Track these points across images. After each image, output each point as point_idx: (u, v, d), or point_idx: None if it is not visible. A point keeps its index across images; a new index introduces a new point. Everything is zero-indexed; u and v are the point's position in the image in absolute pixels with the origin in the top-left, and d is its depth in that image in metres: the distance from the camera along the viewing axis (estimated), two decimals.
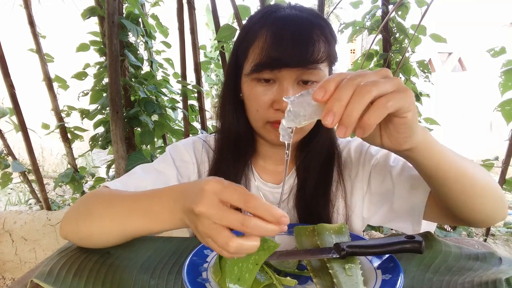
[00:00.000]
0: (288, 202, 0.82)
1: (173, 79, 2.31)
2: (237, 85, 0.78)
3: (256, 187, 0.84)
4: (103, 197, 0.68)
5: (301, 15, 0.70)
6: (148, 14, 2.21)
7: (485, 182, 0.61)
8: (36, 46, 2.12)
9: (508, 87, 1.62)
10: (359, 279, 0.52)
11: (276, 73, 0.69)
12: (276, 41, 0.67)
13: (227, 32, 1.75)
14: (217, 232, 0.43)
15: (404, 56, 1.88)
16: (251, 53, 0.72)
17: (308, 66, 0.68)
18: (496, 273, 0.55)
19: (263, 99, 0.71)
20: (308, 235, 0.66)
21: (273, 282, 0.52)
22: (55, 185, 2.31)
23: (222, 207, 0.43)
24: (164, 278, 0.58)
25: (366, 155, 0.82)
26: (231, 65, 0.79)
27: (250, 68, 0.71)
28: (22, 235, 2.25)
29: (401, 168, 0.75)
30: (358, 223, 0.82)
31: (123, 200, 0.62)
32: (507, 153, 1.68)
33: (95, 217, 0.64)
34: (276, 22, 0.70)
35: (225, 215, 0.43)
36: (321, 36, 0.69)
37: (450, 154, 0.58)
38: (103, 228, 0.64)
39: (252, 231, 0.42)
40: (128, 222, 0.60)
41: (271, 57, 0.67)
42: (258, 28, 0.71)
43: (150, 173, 0.80)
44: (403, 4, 1.88)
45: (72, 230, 0.68)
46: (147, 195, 0.59)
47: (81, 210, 0.68)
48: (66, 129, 2.23)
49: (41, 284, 0.56)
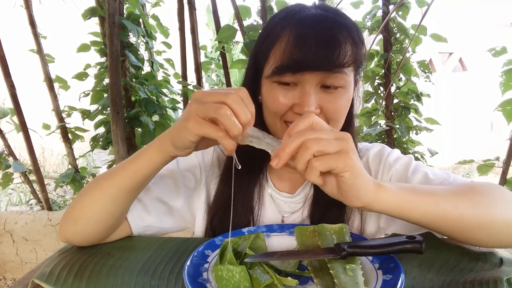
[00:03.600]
0: (303, 211, 0.80)
1: (174, 80, 2.32)
2: (256, 87, 0.74)
3: (269, 195, 0.82)
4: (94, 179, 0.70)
5: (327, 15, 0.67)
6: (149, 15, 2.22)
7: (477, 215, 0.58)
8: (37, 46, 2.13)
9: (508, 86, 1.61)
10: (360, 280, 0.52)
11: (298, 76, 0.65)
12: (299, 43, 0.64)
13: (227, 33, 1.75)
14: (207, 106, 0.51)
15: (404, 56, 1.88)
16: (272, 54, 0.68)
17: (333, 70, 0.64)
18: (497, 273, 0.55)
19: (283, 102, 0.68)
20: (309, 235, 0.66)
21: (274, 282, 0.52)
22: (56, 185, 2.31)
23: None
24: (164, 278, 0.58)
25: (385, 164, 0.79)
26: (250, 67, 0.76)
27: (271, 71, 0.67)
28: (23, 236, 2.25)
29: (419, 180, 0.72)
30: (373, 232, 0.80)
31: (112, 168, 0.67)
32: (507, 153, 1.68)
33: (86, 191, 0.68)
34: (300, 23, 0.66)
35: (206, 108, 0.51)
36: (348, 38, 0.65)
37: (421, 202, 0.56)
38: (95, 193, 0.65)
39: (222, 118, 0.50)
40: (119, 175, 0.64)
41: (294, 59, 0.64)
42: (280, 28, 0.67)
43: None
44: (404, 4, 1.88)
45: (66, 220, 0.68)
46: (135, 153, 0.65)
47: (75, 199, 0.70)
48: (67, 130, 2.24)
49: (42, 284, 0.56)
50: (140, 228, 0.75)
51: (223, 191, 0.79)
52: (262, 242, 0.66)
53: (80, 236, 0.68)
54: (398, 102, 2.06)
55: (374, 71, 2.09)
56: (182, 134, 0.55)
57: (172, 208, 0.79)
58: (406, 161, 0.78)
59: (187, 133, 0.53)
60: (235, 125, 0.50)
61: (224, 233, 0.69)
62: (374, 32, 1.98)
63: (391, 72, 1.98)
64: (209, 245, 0.64)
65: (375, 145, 0.85)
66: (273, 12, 1.83)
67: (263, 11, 1.80)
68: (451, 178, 0.72)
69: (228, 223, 0.76)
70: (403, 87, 2.02)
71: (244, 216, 0.77)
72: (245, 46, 1.76)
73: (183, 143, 0.56)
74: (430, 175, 0.73)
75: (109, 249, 0.68)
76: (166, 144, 0.59)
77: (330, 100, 0.68)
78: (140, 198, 0.74)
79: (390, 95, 2.03)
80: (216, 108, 0.50)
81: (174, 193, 0.79)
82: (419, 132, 2.05)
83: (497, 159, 1.73)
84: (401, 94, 2.03)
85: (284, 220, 0.81)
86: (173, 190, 0.79)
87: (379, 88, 2.10)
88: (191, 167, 0.82)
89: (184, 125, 0.53)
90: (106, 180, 0.66)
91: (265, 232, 0.70)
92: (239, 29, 1.80)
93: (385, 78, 2.02)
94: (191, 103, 0.54)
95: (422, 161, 2.03)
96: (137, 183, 0.65)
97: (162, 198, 0.77)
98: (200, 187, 0.82)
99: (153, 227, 0.77)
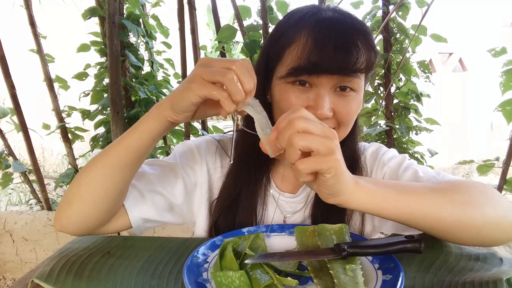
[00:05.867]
0: (305, 210, 0.80)
1: (174, 80, 2.32)
2: (266, 87, 0.74)
3: (271, 196, 0.81)
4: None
5: (344, 20, 0.67)
6: (149, 15, 2.22)
7: (454, 214, 0.58)
8: (37, 46, 2.13)
9: (508, 86, 1.61)
10: (359, 280, 0.52)
11: (313, 78, 0.65)
12: (318, 45, 0.64)
13: (227, 33, 1.75)
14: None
15: (404, 56, 1.88)
16: (287, 55, 0.68)
17: (349, 74, 0.65)
18: (497, 273, 0.55)
19: (296, 103, 0.67)
20: (308, 235, 0.66)
21: (273, 282, 0.52)
22: (56, 185, 2.31)
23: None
24: (164, 278, 0.58)
25: (379, 162, 0.80)
26: (260, 66, 0.75)
27: (286, 72, 0.67)
28: (23, 235, 2.25)
29: (409, 177, 0.73)
30: (369, 231, 0.81)
31: (109, 144, 0.66)
32: (507, 153, 1.68)
33: (83, 170, 0.66)
34: (319, 25, 0.65)
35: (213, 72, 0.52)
36: (365, 44, 0.65)
37: (398, 199, 0.57)
38: (91, 170, 0.64)
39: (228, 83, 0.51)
40: (115, 149, 0.63)
41: (311, 61, 0.64)
42: (297, 30, 0.67)
43: (155, 168, 0.78)
44: (404, 4, 1.88)
45: (61, 205, 0.67)
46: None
47: (71, 182, 0.69)
48: (66, 130, 2.23)
49: (42, 284, 0.56)
50: (138, 220, 0.73)
51: (228, 192, 0.79)
52: (262, 242, 0.66)
53: (75, 221, 0.66)
54: (398, 102, 2.07)
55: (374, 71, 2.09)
56: (184, 95, 0.55)
57: (172, 203, 0.78)
58: (399, 159, 0.79)
59: (190, 94, 0.54)
60: (239, 90, 0.51)
61: (224, 233, 0.69)
62: (374, 32, 1.98)
63: (391, 72, 1.99)
64: (209, 245, 0.64)
65: (372, 145, 0.86)
66: (273, 12, 1.83)
67: (263, 11, 1.80)
68: (439, 176, 0.72)
69: (233, 223, 0.76)
70: (403, 87, 2.02)
71: (248, 217, 0.77)
72: (245, 46, 1.76)
73: (183, 105, 0.56)
74: (420, 172, 0.73)
75: (109, 248, 0.68)
76: (164, 108, 0.58)
77: (343, 104, 0.68)
78: (140, 188, 0.73)
79: (390, 95, 2.03)
80: (224, 73, 0.51)
81: (175, 188, 0.78)
82: (419, 132, 2.05)
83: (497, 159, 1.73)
84: (401, 94, 2.04)
85: (286, 220, 0.81)
86: (174, 185, 0.78)
87: (379, 88, 2.10)
88: (193, 164, 0.81)
89: (188, 86, 0.54)
90: (102, 156, 0.64)
91: (265, 232, 0.70)
92: (239, 29, 1.80)
93: (385, 78, 2.02)
94: (197, 67, 0.55)
95: (422, 161, 2.03)
96: (135, 155, 0.63)
97: (162, 192, 0.76)
98: (203, 186, 0.82)
99: (151, 220, 0.75)
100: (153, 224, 0.78)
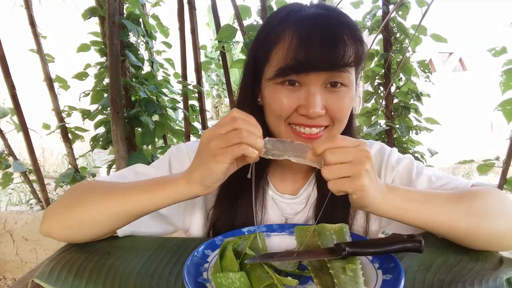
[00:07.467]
0: (307, 211, 0.80)
1: (174, 79, 2.32)
2: (255, 89, 0.73)
3: (271, 198, 0.80)
4: (97, 184, 0.67)
5: (328, 14, 0.66)
6: (149, 14, 2.22)
7: (471, 225, 0.61)
8: (37, 46, 2.13)
9: (509, 86, 1.61)
10: (359, 279, 0.52)
11: (302, 77, 0.65)
12: (303, 43, 0.63)
13: (227, 32, 1.75)
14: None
15: (404, 56, 1.88)
16: (273, 56, 0.67)
17: (338, 69, 0.64)
18: (497, 273, 0.55)
19: (287, 103, 0.66)
20: (308, 235, 0.66)
21: (273, 282, 0.52)
22: (56, 185, 2.31)
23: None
24: (164, 278, 0.58)
25: (387, 165, 0.79)
26: (248, 69, 0.74)
27: (274, 72, 0.66)
28: (23, 235, 2.25)
29: (424, 183, 0.73)
30: (374, 230, 0.80)
31: (125, 183, 0.66)
32: (507, 152, 1.68)
33: (90, 201, 0.65)
34: (302, 22, 0.64)
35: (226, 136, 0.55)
36: (351, 37, 0.64)
37: (422, 211, 0.61)
38: (99, 210, 0.63)
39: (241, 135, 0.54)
40: (131, 198, 0.63)
41: (298, 60, 0.63)
42: (281, 29, 0.66)
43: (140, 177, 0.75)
44: (404, 4, 1.88)
45: (57, 220, 0.66)
46: (152, 179, 0.65)
47: (71, 199, 0.67)
48: (67, 129, 2.23)
49: (42, 284, 0.56)
50: (126, 233, 0.72)
51: (225, 198, 0.78)
52: (262, 242, 0.66)
53: (66, 238, 0.68)
54: (398, 102, 2.07)
55: (374, 71, 2.09)
56: (213, 169, 0.56)
57: (160, 213, 0.75)
58: (408, 163, 0.78)
59: (220, 165, 0.56)
60: (256, 140, 0.54)
61: (224, 233, 0.69)
62: (374, 32, 1.98)
63: (391, 72, 1.98)
64: (209, 245, 0.64)
65: (374, 144, 0.84)
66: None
67: (263, 11, 1.80)
68: (452, 182, 0.73)
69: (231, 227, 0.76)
70: (403, 87, 2.02)
71: (248, 220, 0.76)
72: (245, 46, 1.76)
73: (215, 178, 0.58)
74: (433, 177, 0.74)
75: (109, 248, 0.68)
76: (193, 188, 0.60)
77: (334, 100, 0.67)
78: None
79: (390, 95, 2.03)
80: (236, 134, 0.54)
81: None
82: (419, 132, 2.05)
83: (497, 159, 1.73)
84: (401, 94, 2.04)
85: (287, 222, 0.80)
86: None
87: (379, 88, 2.10)
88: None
89: (213, 160, 0.56)
90: (114, 199, 0.64)
91: (265, 232, 0.70)
92: (239, 29, 1.80)
93: (385, 78, 2.02)
94: (205, 143, 0.57)
95: (422, 161, 2.03)
96: (147, 211, 0.65)
97: None
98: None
99: (138, 231, 0.74)
100: (139, 234, 0.75)
